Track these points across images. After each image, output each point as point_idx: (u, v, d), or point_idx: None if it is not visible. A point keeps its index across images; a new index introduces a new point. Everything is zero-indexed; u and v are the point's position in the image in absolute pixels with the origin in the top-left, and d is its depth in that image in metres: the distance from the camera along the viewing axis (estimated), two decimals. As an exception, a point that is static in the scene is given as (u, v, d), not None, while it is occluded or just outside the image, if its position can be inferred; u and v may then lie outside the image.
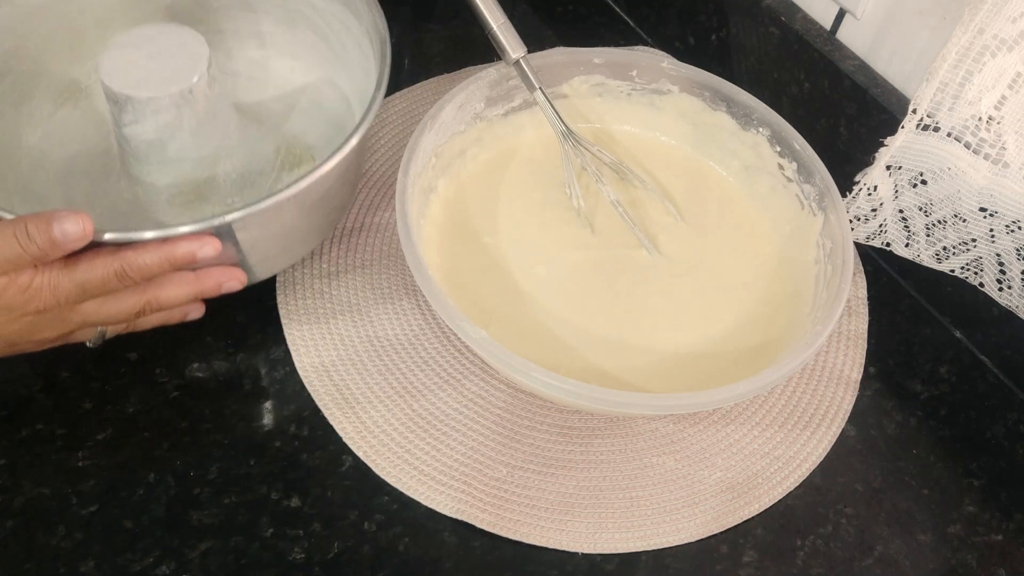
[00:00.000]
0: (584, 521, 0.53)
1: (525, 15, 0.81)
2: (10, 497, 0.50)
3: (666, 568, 0.52)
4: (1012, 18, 0.49)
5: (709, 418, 0.58)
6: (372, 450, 0.54)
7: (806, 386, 0.60)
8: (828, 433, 0.58)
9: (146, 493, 0.51)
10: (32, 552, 0.49)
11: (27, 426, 0.53)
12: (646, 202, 0.65)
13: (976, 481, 0.57)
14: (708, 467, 0.56)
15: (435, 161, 0.61)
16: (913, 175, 0.57)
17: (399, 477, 0.53)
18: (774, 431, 0.58)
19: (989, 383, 0.62)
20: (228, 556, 0.50)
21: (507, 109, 0.65)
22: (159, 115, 0.53)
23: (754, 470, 0.56)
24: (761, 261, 0.63)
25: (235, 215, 0.48)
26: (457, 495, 0.53)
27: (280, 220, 0.52)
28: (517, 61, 0.61)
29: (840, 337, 0.62)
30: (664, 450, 0.56)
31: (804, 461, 0.57)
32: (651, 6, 0.78)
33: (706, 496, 0.54)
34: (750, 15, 0.68)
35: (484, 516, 0.52)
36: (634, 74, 0.65)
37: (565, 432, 0.56)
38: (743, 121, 0.64)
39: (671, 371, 0.57)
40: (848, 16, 0.63)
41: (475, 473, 0.54)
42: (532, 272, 0.60)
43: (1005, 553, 0.55)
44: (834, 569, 0.53)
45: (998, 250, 0.56)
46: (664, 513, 0.54)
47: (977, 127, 0.53)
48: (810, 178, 0.60)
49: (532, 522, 0.52)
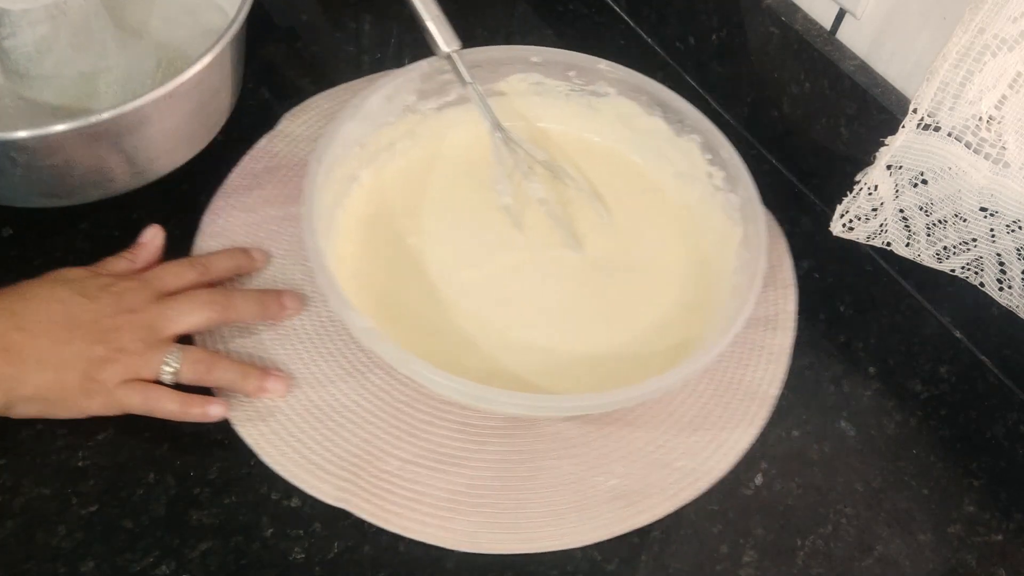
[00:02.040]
0: (468, 520, 0.52)
1: (525, 15, 0.81)
2: (10, 497, 0.50)
3: (666, 568, 0.52)
4: (1013, 18, 0.49)
5: (614, 424, 0.56)
6: (263, 438, 0.53)
7: (719, 399, 0.58)
8: (735, 449, 0.56)
9: (146, 493, 0.51)
10: (32, 552, 0.49)
11: (27, 426, 0.52)
12: (577, 202, 0.65)
13: (976, 481, 0.57)
14: (604, 473, 0.55)
15: (359, 151, 0.61)
16: (914, 175, 0.57)
17: (284, 464, 0.52)
18: (679, 442, 0.56)
19: (989, 383, 0.62)
20: (228, 556, 0.50)
21: (441, 104, 0.64)
22: (35, 28, 0.55)
23: (650, 480, 0.54)
24: (684, 267, 0.62)
25: (110, 113, 0.51)
26: (342, 484, 0.52)
27: (159, 120, 0.54)
28: (449, 55, 0.60)
29: (762, 352, 0.61)
30: (562, 454, 0.55)
31: (705, 475, 0.55)
32: (651, 6, 0.78)
33: (597, 503, 0.53)
34: (750, 15, 0.68)
35: (366, 506, 0.52)
36: (572, 75, 0.65)
37: (464, 430, 0.55)
38: (677, 127, 0.63)
39: (581, 373, 0.57)
40: (848, 16, 0.63)
41: (365, 464, 0.53)
42: (450, 270, 0.60)
43: (1005, 553, 0.55)
44: (834, 569, 0.53)
45: (998, 250, 0.56)
46: (550, 517, 0.53)
47: (978, 127, 0.53)
48: (735, 188, 0.60)
49: (414, 516, 0.52)
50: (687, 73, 0.77)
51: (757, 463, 0.57)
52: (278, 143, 0.66)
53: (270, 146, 0.66)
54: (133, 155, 0.57)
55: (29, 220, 0.60)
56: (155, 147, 0.58)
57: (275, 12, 0.77)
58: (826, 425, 0.59)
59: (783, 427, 0.59)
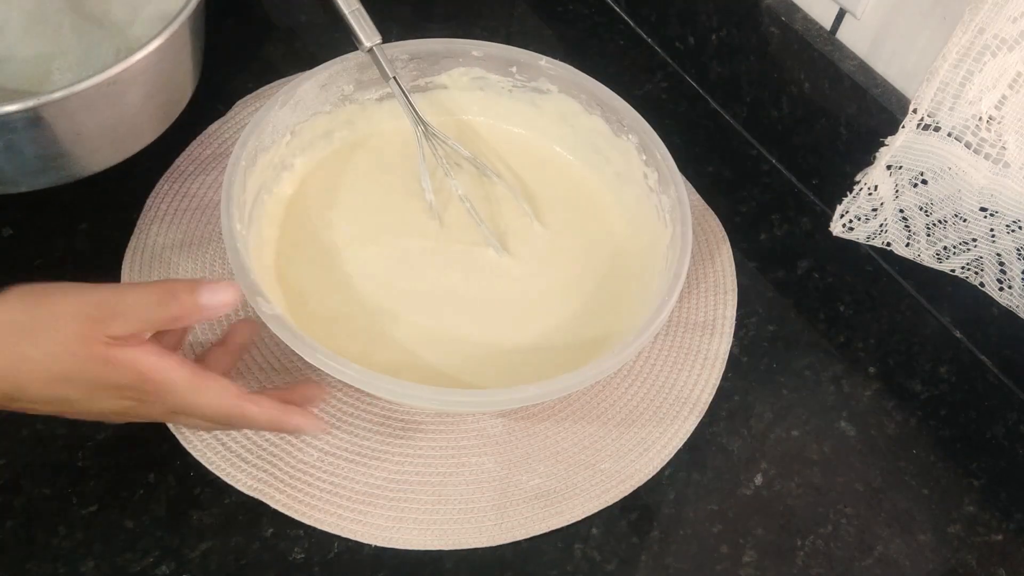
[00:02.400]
0: (384, 514, 0.52)
1: (525, 15, 0.81)
2: (10, 497, 0.50)
3: (666, 568, 0.52)
4: (1013, 18, 0.49)
5: (541, 423, 0.56)
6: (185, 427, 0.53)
7: (650, 402, 0.58)
8: (661, 453, 0.56)
9: (146, 493, 0.51)
10: (32, 552, 0.49)
11: (27, 426, 0.52)
12: (505, 200, 0.64)
13: (976, 481, 0.57)
14: (527, 472, 0.54)
15: (290, 139, 0.61)
16: (914, 175, 0.57)
17: (205, 453, 0.52)
18: (605, 444, 0.56)
19: (989, 383, 0.62)
20: (228, 556, 0.50)
21: (382, 95, 0.64)
22: None
23: (573, 481, 0.54)
24: (609, 266, 0.62)
25: (55, 95, 0.49)
26: (258, 473, 0.52)
27: (107, 106, 0.52)
28: (371, 49, 0.60)
29: (697, 356, 0.60)
30: (485, 451, 0.55)
31: (629, 478, 0.55)
32: (651, 6, 0.78)
33: (517, 502, 0.53)
34: (750, 15, 0.68)
35: (280, 497, 0.52)
36: (514, 71, 0.65)
37: (388, 424, 0.55)
38: (616, 127, 0.63)
39: (498, 367, 0.56)
40: (848, 16, 0.63)
41: (283, 455, 0.53)
42: (369, 262, 0.60)
43: (1005, 553, 0.55)
44: (834, 569, 0.53)
45: (998, 250, 0.56)
46: (468, 514, 0.52)
47: (978, 127, 0.53)
48: (667, 190, 0.60)
49: (329, 509, 0.52)
50: (687, 73, 0.77)
51: (757, 463, 0.57)
52: (228, 129, 0.67)
53: (220, 132, 0.66)
54: (80, 141, 0.55)
55: (30, 220, 0.60)
56: (104, 135, 0.56)
57: (275, 12, 0.77)
58: (826, 425, 0.59)
59: (783, 427, 0.59)
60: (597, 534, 0.53)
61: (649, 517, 0.54)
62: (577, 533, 0.53)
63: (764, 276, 0.66)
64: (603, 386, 0.58)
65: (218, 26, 0.65)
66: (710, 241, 0.66)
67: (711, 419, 0.58)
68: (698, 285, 0.64)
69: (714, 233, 0.67)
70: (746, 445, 0.58)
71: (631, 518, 0.54)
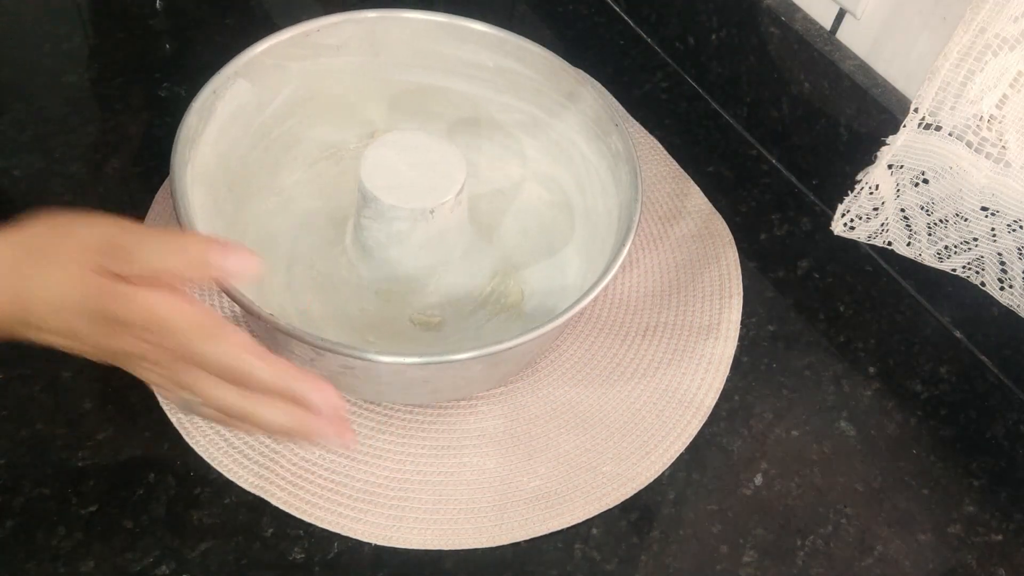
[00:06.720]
0: (384, 513, 0.52)
1: (525, 15, 0.81)
2: (10, 497, 0.50)
3: (666, 568, 0.52)
4: (1014, 17, 0.49)
5: (543, 425, 0.56)
6: (188, 421, 0.53)
7: (652, 406, 0.58)
8: (663, 457, 0.56)
9: (146, 493, 0.51)
10: (32, 552, 0.49)
11: (27, 426, 0.52)
12: None
13: (976, 481, 0.57)
14: (528, 474, 0.54)
15: None
16: (915, 174, 0.57)
17: (207, 448, 0.53)
18: (607, 447, 0.56)
19: (989, 383, 0.62)
20: (228, 556, 0.50)
21: None
22: (394, 223, 0.54)
23: (574, 484, 0.54)
24: None
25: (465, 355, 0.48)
26: (260, 470, 0.52)
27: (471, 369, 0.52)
28: None
29: (701, 360, 0.60)
30: (487, 451, 0.55)
31: (630, 481, 0.54)
32: (651, 6, 0.78)
33: (517, 503, 0.53)
34: (750, 15, 0.68)
35: (281, 494, 0.52)
36: None
37: (390, 421, 0.55)
38: None
39: None
40: (848, 16, 0.63)
41: (283, 451, 0.53)
42: None
43: (1005, 553, 0.55)
44: (834, 569, 0.53)
45: (999, 249, 0.56)
46: (469, 514, 0.52)
47: (979, 126, 0.53)
48: None
49: (329, 507, 0.52)
50: (687, 73, 0.77)
51: (757, 463, 0.57)
52: None
53: None
54: None
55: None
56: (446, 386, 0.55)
57: (275, 12, 0.77)
58: (826, 425, 0.59)
59: (783, 427, 0.59)
60: (597, 534, 0.53)
61: (649, 517, 0.54)
62: (577, 533, 0.53)
63: (764, 276, 0.66)
64: (605, 388, 0.58)
65: (219, 26, 0.65)
66: (716, 244, 0.66)
67: (711, 419, 0.58)
68: (702, 287, 0.64)
69: (720, 236, 0.67)
70: (746, 445, 0.58)
71: (631, 518, 0.54)
